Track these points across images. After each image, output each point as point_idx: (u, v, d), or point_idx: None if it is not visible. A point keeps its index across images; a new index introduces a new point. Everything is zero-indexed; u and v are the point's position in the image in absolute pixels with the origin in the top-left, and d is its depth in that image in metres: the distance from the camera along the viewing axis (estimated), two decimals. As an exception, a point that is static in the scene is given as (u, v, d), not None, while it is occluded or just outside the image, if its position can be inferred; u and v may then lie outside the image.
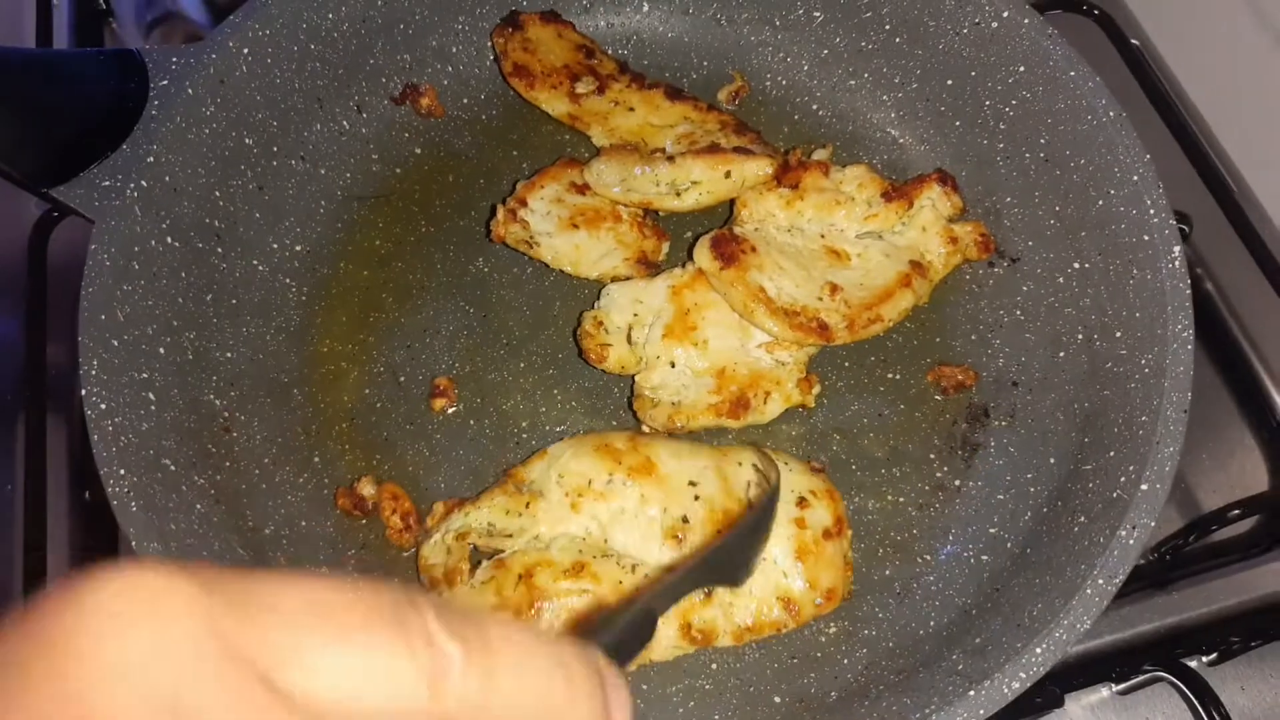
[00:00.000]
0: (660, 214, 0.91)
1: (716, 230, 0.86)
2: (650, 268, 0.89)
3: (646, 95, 0.94)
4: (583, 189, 0.90)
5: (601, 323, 0.83)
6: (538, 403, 0.86)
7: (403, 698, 0.29)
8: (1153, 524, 0.68)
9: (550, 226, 0.88)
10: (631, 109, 0.93)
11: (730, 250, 0.83)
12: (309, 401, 0.86)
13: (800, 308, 0.83)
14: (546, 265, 0.89)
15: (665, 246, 0.90)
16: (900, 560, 0.81)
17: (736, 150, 0.86)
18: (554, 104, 0.94)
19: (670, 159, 0.86)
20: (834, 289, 0.84)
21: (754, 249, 0.84)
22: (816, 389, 0.83)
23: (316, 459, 0.84)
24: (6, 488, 0.90)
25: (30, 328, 0.94)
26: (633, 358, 0.83)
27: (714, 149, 0.86)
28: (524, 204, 0.88)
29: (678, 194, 0.87)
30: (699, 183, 0.87)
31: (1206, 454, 0.95)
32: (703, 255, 0.84)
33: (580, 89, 0.93)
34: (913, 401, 0.86)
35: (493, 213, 0.89)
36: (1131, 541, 0.67)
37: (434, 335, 0.89)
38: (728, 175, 0.86)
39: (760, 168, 0.86)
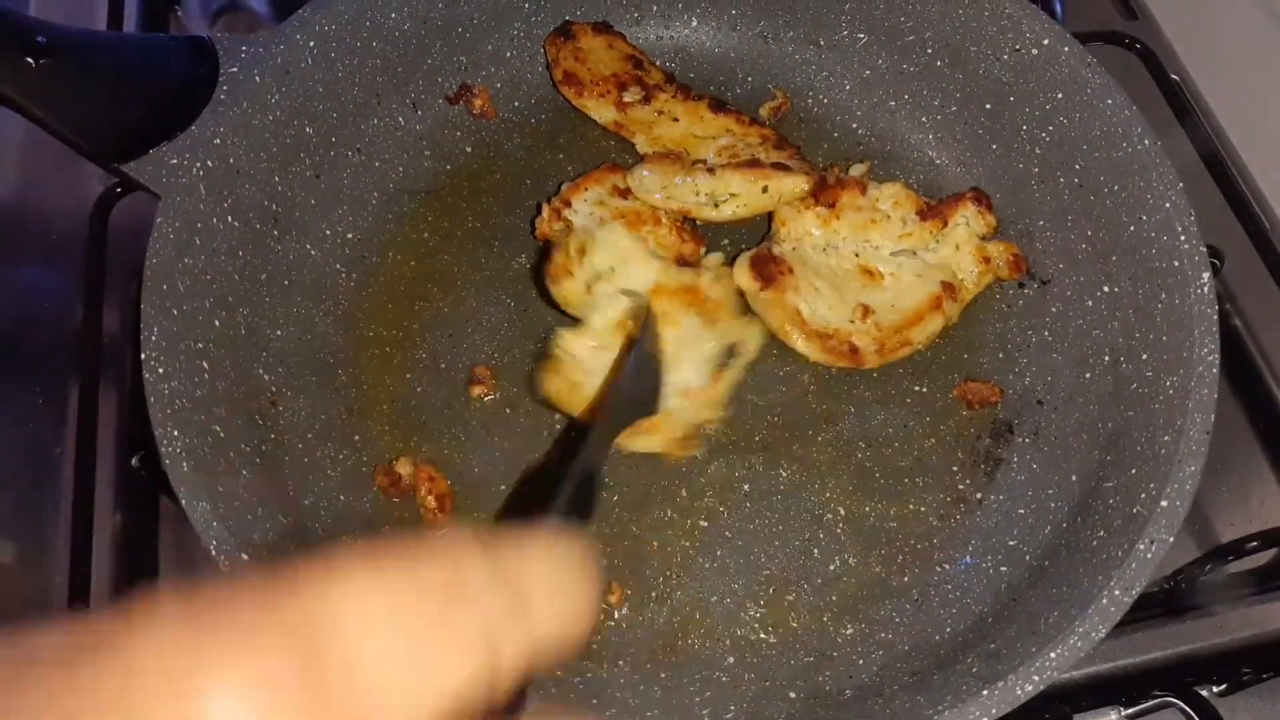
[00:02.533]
0: (698, 221, 0.94)
1: (756, 250, 0.89)
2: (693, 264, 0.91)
3: (691, 107, 0.97)
4: (625, 193, 0.92)
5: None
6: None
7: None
8: (1171, 540, 0.69)
9: (592, 226, 0.90)
10: (676, 119, 0.96)
11: (770, 271, 0.86)
12: (352, 382, 0.89)
13: (833, 330, 0.85)
14: (586, 263, 0.91)
15: (702, 251, 0.93)
16: (919, 568, 0.82)
17: (775, 166, 0.89)
18: (601, 111, 0.97)
19: (710, 170, 0.89)
20: (866, 311, 0.86)
21: (791, 270, 0.87)
22: (693, 450, 0.85)
23: (357, 438, 0.87)
24: (57, 450, 0.94)
25: (89, 296, 0.98)
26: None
27: (753, 163, 0.89)
28: (568, 204, 0.91)
29: (716, 205, 0.90)
30: (736, 195, 0.90)
31: (1226, 487, 0.96)
32: (742, 275, 0.87)
33: (627, 98, 0.96)
34: (938, 415, 0.88)
35: (538, 211, 0.92)
36: (1149, 555, 0.69)
37: (475, 326, 0.92)
38: (765, 190, 0.89)
39: (796, 184, 0.89)
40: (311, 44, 0.89)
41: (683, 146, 0.95)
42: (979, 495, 0.85)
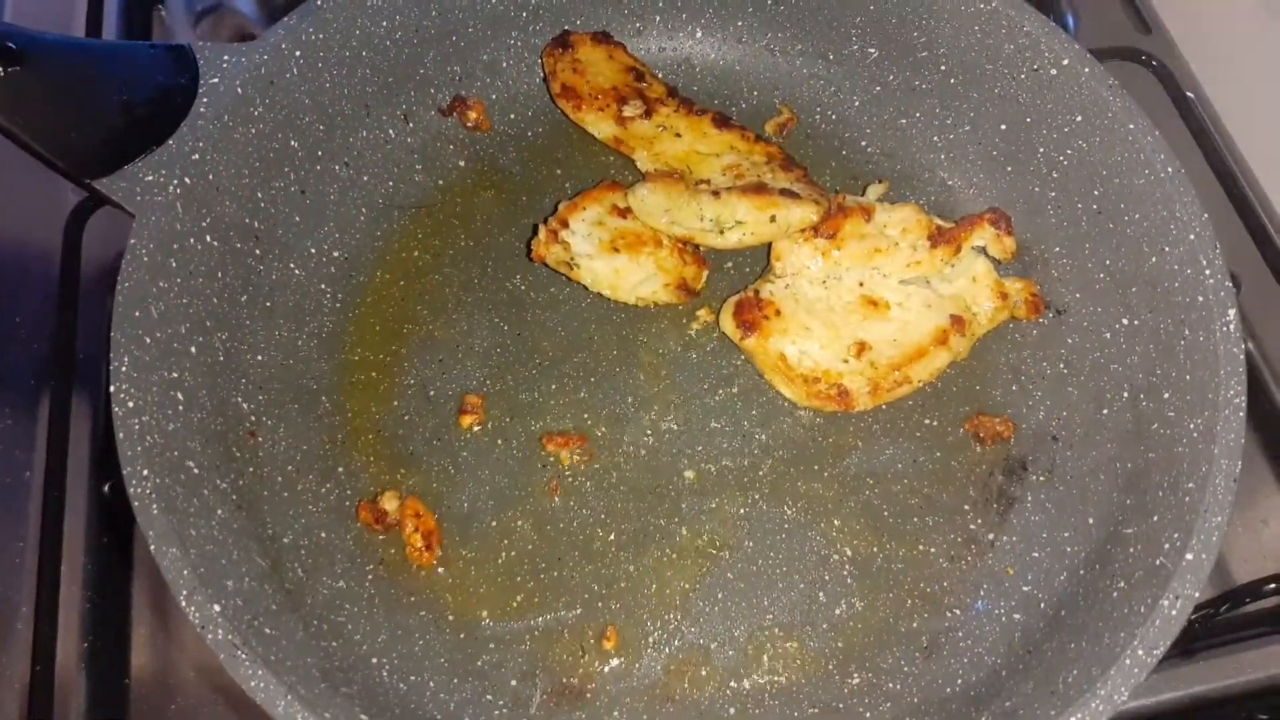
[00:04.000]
0: (702, 247, 0.90)
1: (740, 295, 0.86)
2: (690, 295, 0.88)
3: (694, 121, 0.93)
4: (624, 212, 0.89)
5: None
6: (568, 426, 0.85)
7: None
8: (1197, 595, 0.66)
9: (591, 249, 0.86)
10: (678, 135, 0.92)
11: (752, 318, 0.84)
12: (336, 410, 0.85)
13: (821, 373, 0.83)
14: (584, 287, 0.87)
15: (705, 274, 0.89)
16: (929, 613, 0.79)
17: (783, 193, 0.85)
18: (600, 126, 0.93)
19: (715, 194, 0.85)
20: (861, 349, 0.83)
21: (779, 312, 0.84)
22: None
23: (340, 469, 0.83)
24: (25, 474, 0.89)
25: (62, 314, 0.94)
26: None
27: (760, 189, 0.85)
28: (565, 225, 0.87)
29: (721, 231, 0.86)
30: (743, 223, 0.86)
31: (1240, 522, 0.93)
32: (726, 322, 0.85)
33: (627, 112, 0.92)
34: (949, 450, 0.85)
35: (534, 231, 0.88)
36: (1174, 612, 0.65)
37: (466, 351, 0.88)
38: (772, 219, 0.85)
39: (805, 215, 0.85)
40: (298, 53, 0.84)
41: (685, 164, 0.91)
42: (991, 536, 0.81)
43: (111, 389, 0.70)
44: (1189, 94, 1.12)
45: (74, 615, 0.83)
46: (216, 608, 0.64)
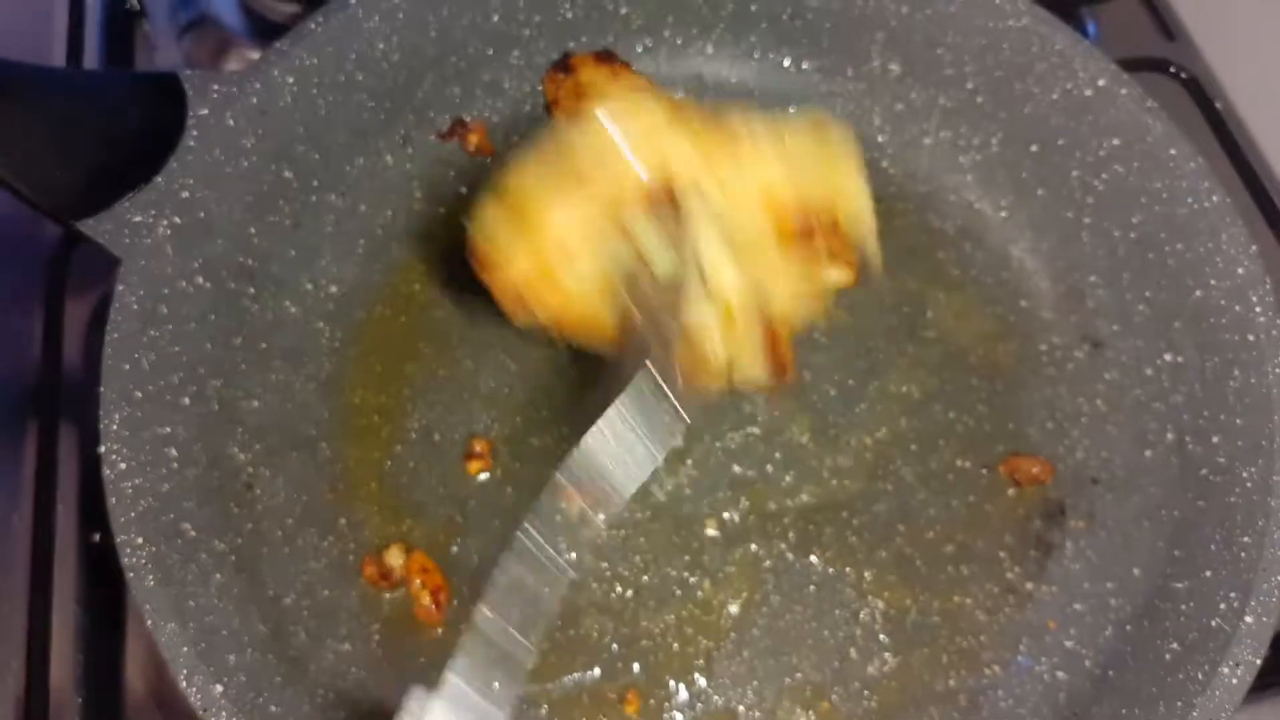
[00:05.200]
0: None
1: None
2: None
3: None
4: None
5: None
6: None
7: None
8: (1258, 662, 0.62)
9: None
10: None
11: None
12: (337, 457, 0.80)
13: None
14: (598, 323, 0.83)
15: None
16: (966, 670, 0.75)
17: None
18: None
19: None
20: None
21: None
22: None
23: (342, 521, 0.78)
24: (13, 518, 0.85)
25: (47, 350, 0.89)
26: None
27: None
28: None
29: None
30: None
31: None
32: None
33: None
34: (983, 493, 0.81)
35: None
36: (1235, 681, 0.61)
37: (472, 392, 0.84)
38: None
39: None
40: (290, 80, 0.80)
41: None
42: (1030, 586, 0.77)
43: (102, 450, 0.65)
44: (1217, 104, 1.08)
45: (66, 668, 0.79)
46: (219, 688, 0.60)
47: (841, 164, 0.71)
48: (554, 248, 0.67)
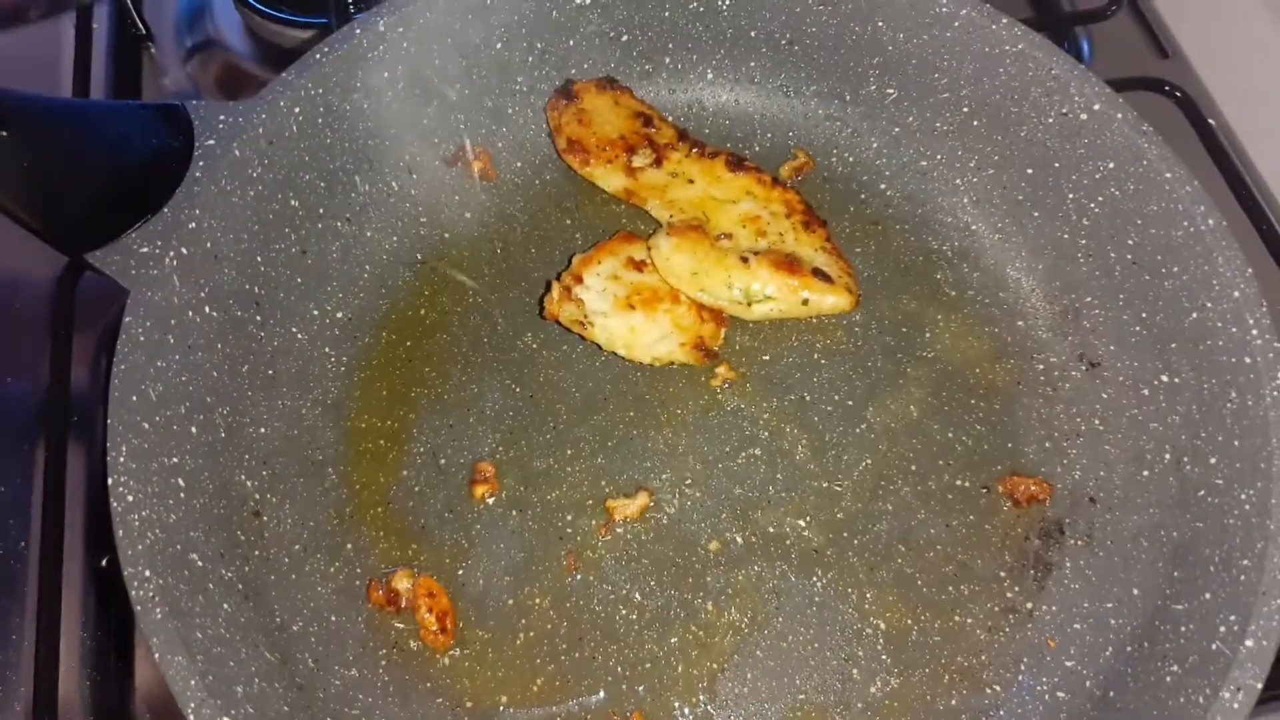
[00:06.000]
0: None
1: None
2: (708, 356, 0.84)
3: (707, 165, 0.90)
4: (640, 265, 0.85)
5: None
6: (584, 495, 0.81)
7: None
8: (1259, 686, 0.63)
9: (605, 306, 0.83)
10: (691, 181, 0.89)
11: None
12: (343, 482, 0.81)
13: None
14: (598, 345, 0.84)
15: (723, 333, 0.86)
16: (967, 689, 0.75)
17: (816, 273, 0.84)
18: (610, 180, 0.90)
19: (745, 260, 0.83)
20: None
21: None
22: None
23: (349, 546, 0.79)
24: (20, 545, 0.86)
25: (55, 376, 0.90)
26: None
27: (794, 265, 0.84)
28: (580, 280, 0.84)
29: (749, 304, 0.84)
30: (773, 299, 0.84)
31: None
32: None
33: (637, 162, 0.89)
34: (982, 513, 0.81)
35: (546, 287, 0.85)
36: (1236, 705, 0.62)
37: (478, 415, 0.85)
38: (805, 302, 0.84)
39: (839, 304, 0.85)
40: (296, 110, 0.81)
41: (701, 210, 0.88)
42: (1030, 605, 0.78)
43: (110, 482, 0.66)
44: (1211, 121, 1.09)
45: (74, 692, 0.80)
46: (226, 720, 0.61)
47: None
48: None
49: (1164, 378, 0.80)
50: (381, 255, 0.90)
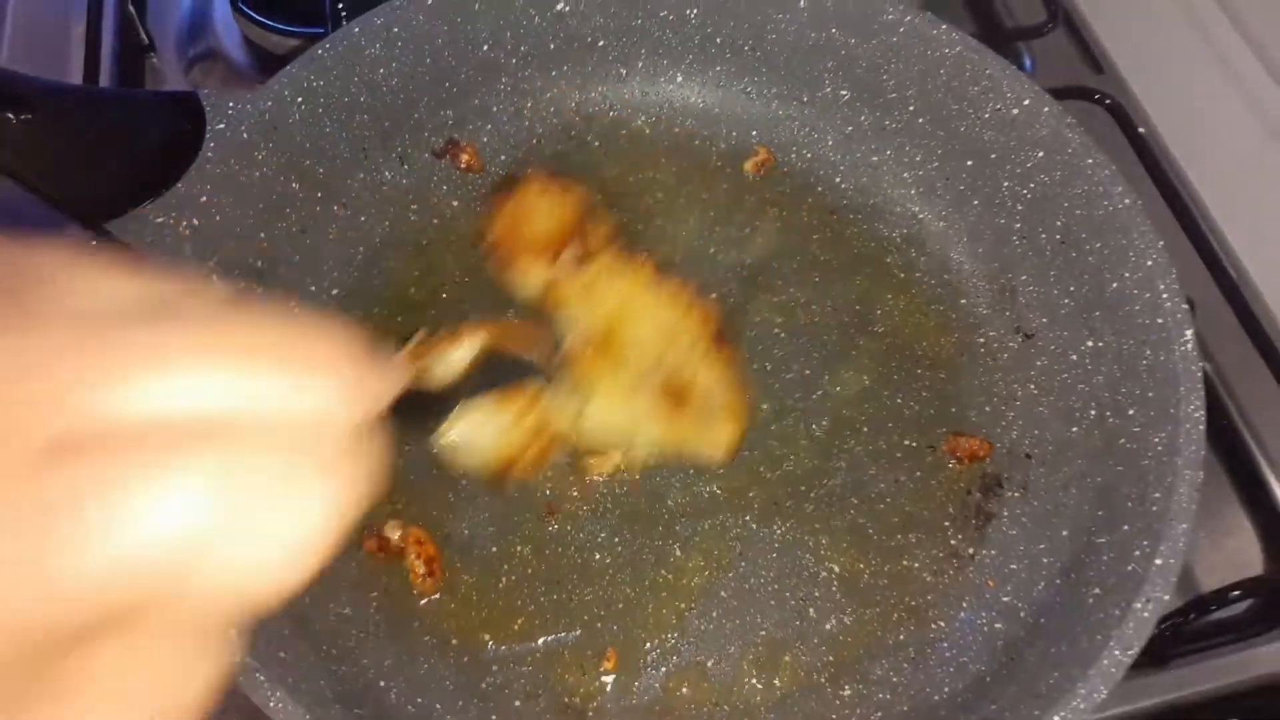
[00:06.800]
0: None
1: None
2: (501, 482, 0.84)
3: (631, 272, 0.91)
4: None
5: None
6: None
7: None
8: (1166, 598, 0.70)
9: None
10: (612, 288, 0.90)
11: None
12: (339, 442, 0.87)
13: None
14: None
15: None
16: (915, 625, 0.82)
17: (701, 411, 0.85)
18: (529, 281, 0.91)
19: (633, 391, 0.84)
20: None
21: None
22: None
23: (344, 499, 0.85)
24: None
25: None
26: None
27: (680, 400, 0.84)
28: (452, 346, 0.83)
29: (629, 437, 0.86)
30: (653, 436, 0.85)
31: (1204, 533, 0.98)
32: None
33: (561, 263, 0.91)
34: (928, 469, 0.89)
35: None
36: (1146, 614, 0.69)
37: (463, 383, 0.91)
38: (684, 443, 0.85)
39: (717, 449, 0.85)
40: (300, 100, 0.88)
41: (616, 320, 0.88)
42: (971, 551, 0.85)
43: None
44: (1141, 129, 1.18)
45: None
46: (233, 632, 0.66)
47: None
48: None
49: (1090, 343, 0.88)
50: (374, 239, 0.96)
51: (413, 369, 0.37)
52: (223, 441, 0.25)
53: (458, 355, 0.82)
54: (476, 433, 0.82)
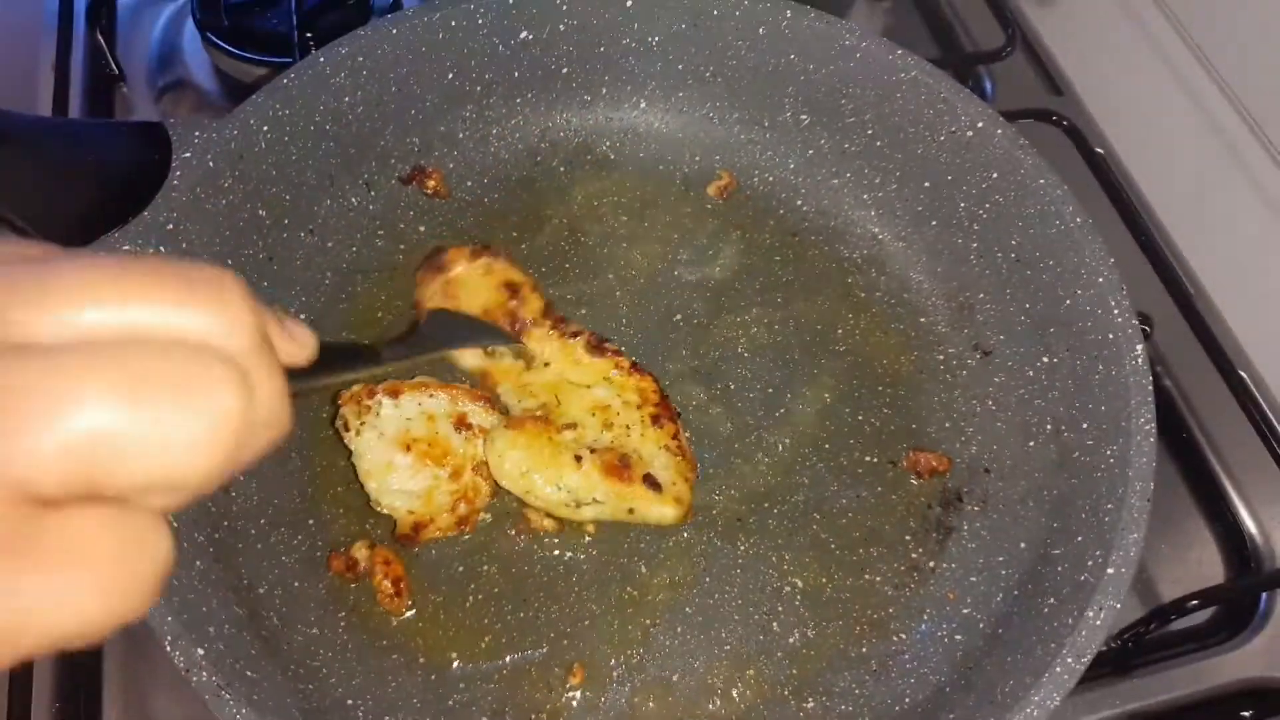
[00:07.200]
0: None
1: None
2: (412, 540, 0.84)
3: (566, 346, 0.91)
4: (465, 427, 0.86)
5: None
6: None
7: None
8: (1118, 605, 0.71)
9: (389, 430, 0.84)
10: (547, 363, 0.91)
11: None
12: (306, 466, 0.88)
13: None
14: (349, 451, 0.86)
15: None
16: (876, 638, 0.83)
17: (647, 479, 0.83)
18: (464, 358, 0.91)
19: (578, 459, 0.83)
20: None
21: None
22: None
23: (311, 522, 0.86)
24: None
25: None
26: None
27: (625, 471, 0.83)
28: (395, 395, 0.85)
29: (577, 505, 0.84)
30: (601, 504, 0.84)
31: (1165, 545, 0.99)
32: None
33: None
34: (889, 484, 0.90)
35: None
36: (1098, 622, 0.71)
37: (430, 405, 0.92)
38: (630, 511, 0.84)
39: (663, 516, 0.84)
40: (265, 128, 0.89)
41: (553, 394, 0.88)
42: (932, 564, 0.87)
43: (92, 447, 0.72)
44: (1098, 150, 1.20)
45: (46, 678, 0.85)
46: (200, 651, 0.67)
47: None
48: None
49: (1045, 359, 0.90)
50: (342, 264, 0.98)
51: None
52: (120, 353, 0.29)
53: (395, 413, 0.85)
54: (402, 486, 0.84)
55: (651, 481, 0.84)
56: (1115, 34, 1.27)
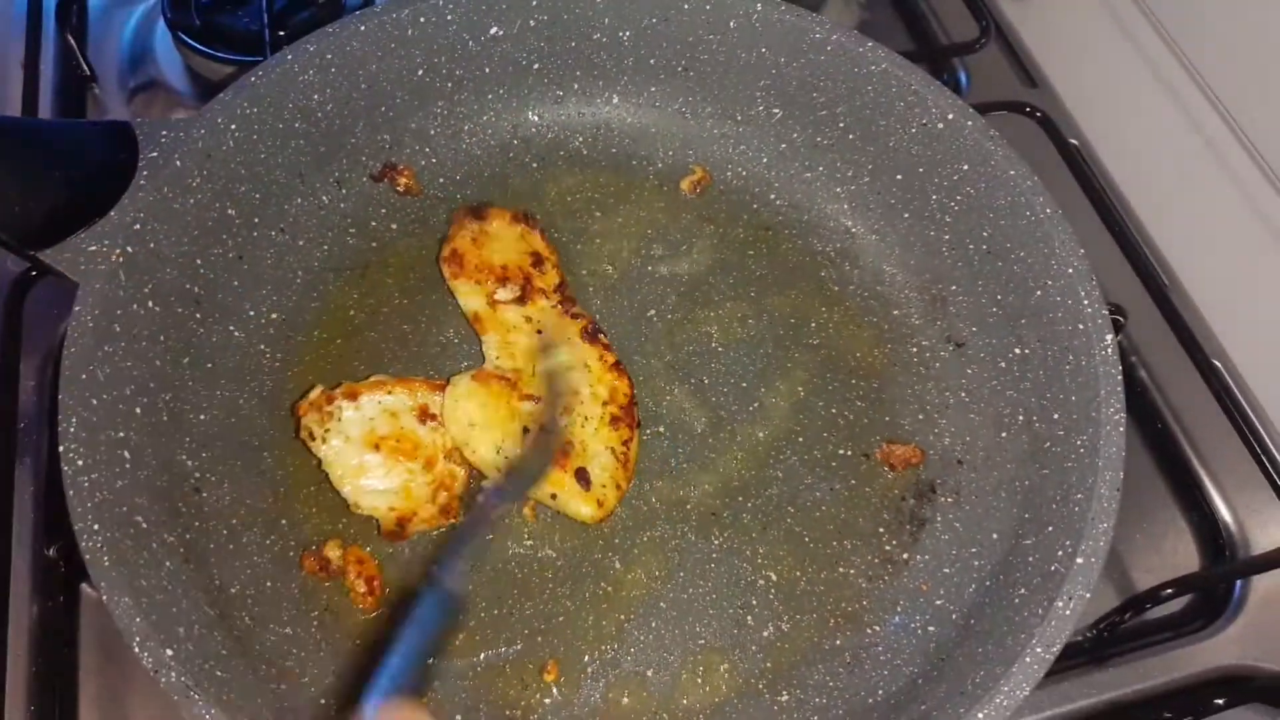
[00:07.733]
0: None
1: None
2: (399, 535, 0.85)
3: (563, 324, 0.92)
4: (428, 418, 0.87)
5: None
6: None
7: None
8: (1088, 595, 0.72)
9: (354, 433, 0.85)
10: (539, 332, 0.91)
11: None
12: (278, 465, 0.88)
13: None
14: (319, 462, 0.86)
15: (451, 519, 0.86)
16: (851, 630, 0.83)
17: (579, 474, 0.84)
18: (469, 299, 0.93)
19: (525, 431, 0.85)
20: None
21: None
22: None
23: (283, 521, 0.85)
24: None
25: (3, 384, 0.95)
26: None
27: (562, 458, 0.84)
28: (353, 398, 0.85)
29: (505, 474, 0.84)
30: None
31: (1140, 534, 1.00)
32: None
33: (501, 295, 0.92)
34: (863, 477, 0.90)
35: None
36: (1068, 612, 0.71)
37: (403, 403, 0.92)
38: (553, 497, 0.84)
39: (579, 512, 0.84)
40: (233, 127, 0.89)
41: (530, 363, 0.90)
42: (905, 556, 0.87)
43: (61, 448, 0.72)
44: (1073, 141, 1.21)
45: (20, 677, 0.84)
46: (169, 652, 0.67)
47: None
48: None
49: (1017, 350, 0.90)
50: (313, 263, 0.97)
51: None
52: None
53: (356, 415, 0.85)
54: (377, 485, 0.84)
55: (583, 476, 0.84)
56: (1089, 26, 1.27)
